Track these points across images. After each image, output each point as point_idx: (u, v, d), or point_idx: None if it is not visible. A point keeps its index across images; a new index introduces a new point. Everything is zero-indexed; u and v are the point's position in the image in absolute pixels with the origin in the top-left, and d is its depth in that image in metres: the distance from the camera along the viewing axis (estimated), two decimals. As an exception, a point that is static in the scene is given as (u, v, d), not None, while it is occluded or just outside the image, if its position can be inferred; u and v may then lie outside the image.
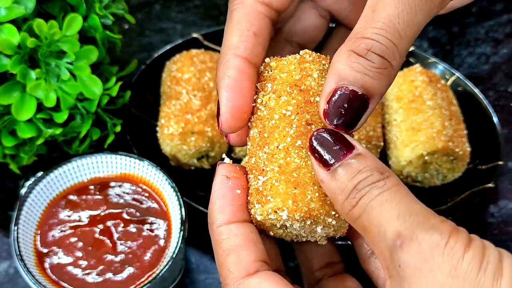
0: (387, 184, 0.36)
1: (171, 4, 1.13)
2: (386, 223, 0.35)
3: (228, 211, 0.43)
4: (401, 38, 0.38)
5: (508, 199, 0.86)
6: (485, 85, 1.01)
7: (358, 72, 0.38)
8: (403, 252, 0.34)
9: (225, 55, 0.44)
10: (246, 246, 0.41)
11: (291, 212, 0.40)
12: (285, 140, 0.41)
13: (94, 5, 0.74)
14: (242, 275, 0.40)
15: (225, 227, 0.42)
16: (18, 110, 0.68)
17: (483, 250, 0.33)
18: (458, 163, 0.82)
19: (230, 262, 0.41)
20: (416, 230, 0.34)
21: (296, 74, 0.43)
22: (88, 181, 0.74)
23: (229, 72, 0.43)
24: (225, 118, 0.43)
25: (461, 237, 0.33)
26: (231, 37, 0.44)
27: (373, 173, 0.37)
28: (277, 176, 0.41)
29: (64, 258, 0.67)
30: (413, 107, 0.85)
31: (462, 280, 0.32)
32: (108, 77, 0.78)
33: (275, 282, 0.40)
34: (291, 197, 0.40)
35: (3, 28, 0.66)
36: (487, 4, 1.14)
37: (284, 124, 0.42)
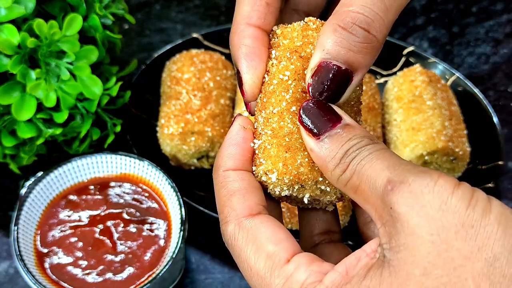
0: (376, 146, 0.37)
1: (171, 4, 1.13)
2: (376, 175, 0.36)
3: (237, 159, 0.43)
4: (387, 10, 0.38)
5: (508, 199, 0.86)
6: (485, 85, 1.01)
7: (342, 48, 0.39)
8: (394, 194, 0.35)
9: (239, 24, 0.45)
10: (251, 190, 0.42)
11: (281, 174, 0.41)
12: (280, 105, 0.42)
13: (94, 5, 0.74)
14: (245, 214, 0.41)
15: (232, 172, 0.43)
16: (18, 110, 0.68)
17: (472, 191, 0.34)
18: (458, 163, 0.82)
19: (234, 201, 0.41)
20: (407, 174, 0.35)
21: (298, 41, 0.44)
22: (88, 181, 0.74)
23: (245, 41, 0.44)
24: (249, 86, 0.44)
25: (450, 179, 0.35)
26: (244, 7, 0.45)
27: (363, 139, 0.38)
28: (270, 139, 0.42)
29: (64, 258, 0.67)
30: (413, 107, 0.85)
31: (452, 214, 0.33)
32: (108, 77, 0.78)
33: (275, 225, 0.40)
34: (282, 160, 0.41)
35: (3, 28, 0.66)
36: (487, 4, 1.14)
37: (281, 89, 0.43)
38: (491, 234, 0.33)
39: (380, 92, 0.93)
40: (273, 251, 0.39)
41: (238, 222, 0.41)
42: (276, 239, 0.39)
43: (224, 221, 0.42)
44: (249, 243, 0.40)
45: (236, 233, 0.40)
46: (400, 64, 0.96)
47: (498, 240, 0.32)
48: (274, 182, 0.42)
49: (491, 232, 0.33)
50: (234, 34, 0.45)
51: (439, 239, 0.33)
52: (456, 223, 0.33)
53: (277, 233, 0.40)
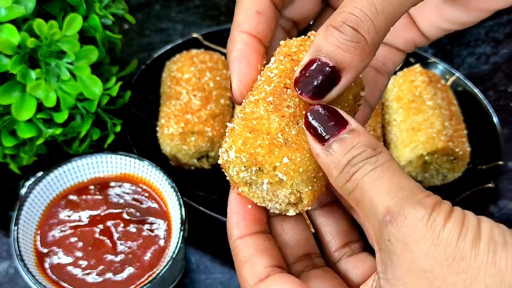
0: (380, 160, 0.38)
1: (171, 4, 1.13)
2: (377, 198, 0.37)
3: (241, 226, 0.45)
4: (377, 13, 0.39)
5: (508, 199, 0.86)
6: (485, 85, 1.01)
7: (331, 45, 0.39)
8: (392, 227, 0.36)
9: (232, 31, 0.48)
10: (258, 255, 0.44)
11: (238, 151, 0.41)
12: (259, 95, 0.43)
13: (94, 5, 0.74)
14: (255, 281, 0.43)
15: (240, 240, 0.45)
16: (18, 110, 0.68)
17: (462, 219, 0.35)
18: (458, 163, 0.82)
19: (245, 271, 0.44)
20: (404, 205, 0.36)
21: (294, 48, 0.45)
22: (88, 181, 0.74)
23: (236, 45, 0.47)
24: (236, 85, 0.46)
25: (443, 209, 0.35)
26: (237, 16, 0.48)
27: (366, 149, 0.38)
28: (239, 121, 0.43)
29: (64, 258, 0.67)
30: (413, 107, 0.85)
31: (444, 248, 0.34)
32: (108, 77, 0.78)
33: (286, 281, 0.42)
34: (243, 138, 0.42)
35: (3, 28, 0.66)
36: (487, 4, 1.14)
37: (265, 83, 0.44)
38: (482, 264, 0.34)
39: (380, 92, 0.93)
40: None
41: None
42: None
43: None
44: None
45: None
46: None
47: (488, 270, 0.33)
48: (232, 160, 0.42)
49: (482, 262, 0.34)
50: (229, 42, 0.48)
51: (433, 276, 0.34)
52: (448, 257, 0.34)
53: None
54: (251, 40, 0.47)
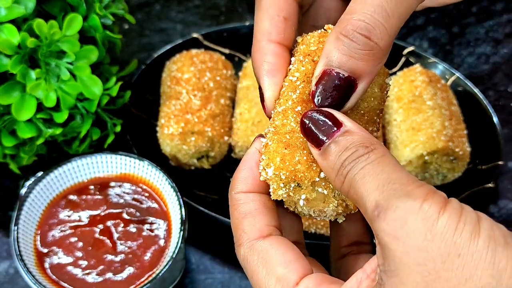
0: (371, 157, 0.37)
1: (171, 4, 1.13)
2: (367, 194, 0.36)
3: (249, 182, 0.44)
4: (388, 17, 0.38)
5: (508, 199, 0.86)
6: (485, 85, 1.01)
7: (343, 55, 0.39)
8: (381, 221, 0.34)
9: (259, 41, 0.46)
10: (262, 212, 0.43)
11: (277, 169, 0.41)
12: (286, 104, 0.43)
13: (94, 5, 0.74)
14: (256, 236, 0.42)
15: (243, 194, 0.44)
16: (18, 110, 0.68)
17: (459, 212, 0.33)
18: (458, 163, 0.82)
19: (246, 224, 0.43)
20: (392, 198, 0.34)
21: (313, 46, 0.44)
22: (88, 181, 0.74)
23: (267, 58, 0.45)
24: (270, 102, 0.45)
25: (436, 200, 0.34)
26: (263, 23, 0.46)
27: (358, 149, 0.37)
28: (272, 136, 0.43)
29: (64, 258, 0.67)
30: (413, 107, 0.85)
31: (438, 242, 0.32)
32: (108, 77, 0.78)
33: (285, 246, 0.41)
34: (280, 155, 0.41)
35: (3, 28, 0.66)
36: (487, 4, 1.14)
37: (289, 89, 0.43)
38: (479, 262, 0.32)
39: (380, 92, 0.93)
40: (282, 274, 0.39)
41: (249, 245, 0.42)
42: (285, 261, 0.40)
43: (237, 243, 0.43)
44: (260, 265, 0.41)
45: (248, 255, 0.42)
46: (400, 64, 0.96)
47: (486, 270, 0.32)
48: (270, 177, 0.42)
49: (479, 260, 0.32)
50: (256, 52, 0.46)
51: (426, 270, 0.33)
52: (442, 253, 0.32)
53: (287, 255, 0.40)
54: (282, 51, 0.45)
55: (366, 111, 0.44)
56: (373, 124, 0.44)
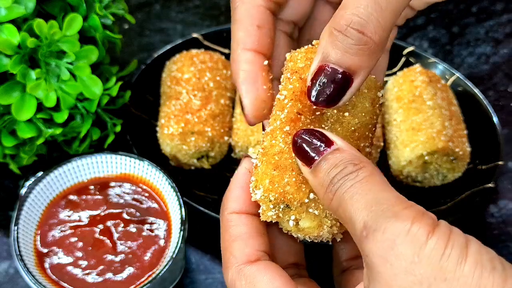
0: (359, 175, 0.37)
1: (171, 4, 1.13)
2: (356, 214, 0.36)
3: (241, 202, 0.44)
4: (382, 10, 0.38)
5: (508, 199, 0.86)
6: (485, 85, 1.01)
7: (338, 50, 0.39)
8: (368, 242, 0.34)
9: (235, 51, 0.46)
10: (252, 236, 0.43)
11: (266, 191, 0.41)
12: (274, 123, 0.43)
13: (94, 5, 0.74)
14: (244, 260, 0.42)
15: (235, 215, 0.44)
16: (18, 110, 0.68)
17: (448, 236, 0.33)
18: (458, 163, 0.82)
19: (235, 247, 0.43)
20: (380, 219, 0.34)
21: (301, 63, 0.44)
22: (88, 181, 0.74)
23: (242, 66, 0.45)
24: (249, 110, 0.45)
25: (425, 223, 0.34)
26: (238, 33, 0.46)
27: (346, 166, 0.37)
28: (261, 157, 0.43)
29: (64, 258, 0.67)
30: (413, 107, 0.85)
31: (425, 266, 0.32)
32: (108, 77, 0.78)
33: (273, 272, 0.41)
34: (269, 177, 0.41)
35: (3, 28, 0.66)
36: (487, 4, 1.14)
37: (278, 108, 0.43)
38: (464, 287, 0.32)
39: (380, 92, 0.93)
40: None
41: (237, 269, 0.42)
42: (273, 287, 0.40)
43: (225, 266, 0.43)
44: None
45: (235, 279, 0.42)
46: (400, 64, 0.96)
47: None
48: (260, 199, 0.42)
49: (465, 285, 0.32)
50: (233, 62, 0.46)
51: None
52: (429, 276, 0.32)
53: (274, 281, 0.40)
54: (256, 58, 0.46)
55: (357, 127, 0.44)
56: (365, 140, 0.44)
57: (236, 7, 0.47)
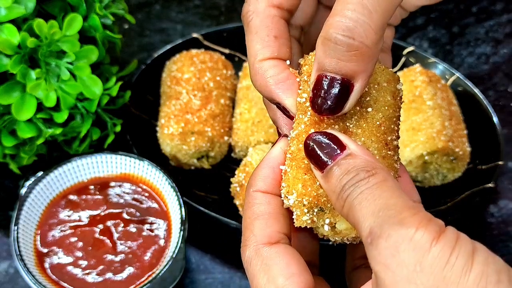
0: (370, 182, 0.36)
1: (171, 4, 1.13)
2: (363, 220, 0.35)
3: (269, 182, 0.43)
4: (370, 13, 0.37)
5: (508, 199, 0.86)
6: (485, 85, 1.01)
7: (331, 59, 0.38)
8: (373, 248, 0.34)
9: (253, 64, 0.45)
10: (275, 217, 0.42)
11: (300, 195, 0.41)
12: (299, 128, 0.42)
13: (94, 5, 0.74)
14: (264, 241, 0.41)
15: (261, 193, 0.43)
16: (18, 110, 0.68)
17: (454, 243, 0.32)
18: (458, 163, 0.82)
19: (256, 226, 0.42)
20: (385, 225, 0.33)
21: None
22: (88, 181, 0.74)
23: (268, 73, 0.44)
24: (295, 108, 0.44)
25: (430, 230, 0.33)
26: (255, 46, 0.45)
27: (358, 173, 0.37)
28: (289, 162, 0.42)
29: (64, 258, 0.67)
30: (413, 107, 0.85)
31: (427, 275, 0.31)
32: (108, 77, 0.78)
33: (291, 257, 0.40)
34: (301, 181, 0.41)
35: (3, 28, 0.66)
36: (487, 4, 1.14)
37: (300, 112, 0.43)
38: None
39: (380, 92, 0.93)
40: (282, 286, 0.39)
41: (255, 248, 0.41)
42: (288, 272, 0.39)
43: (244, 243, 0.42)
44: (262, 272, 0.40)
45: (252, 258, 0.41)
46: (400, 64, 0.96)
47: None
48: (294, 204, 0.41)
49: None
50: (255, 75, 0.45)
51: None
52: (431, 286, 0.31)
53: (290, 266, 0.40)
54: (279, 62, 0.45)
55: (382, 121, 0.43)
56: (391, 133, 0.44)
57: (250, 20, 0.46)
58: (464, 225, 0.82)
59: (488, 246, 0.34)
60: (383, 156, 0.42)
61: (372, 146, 0.42)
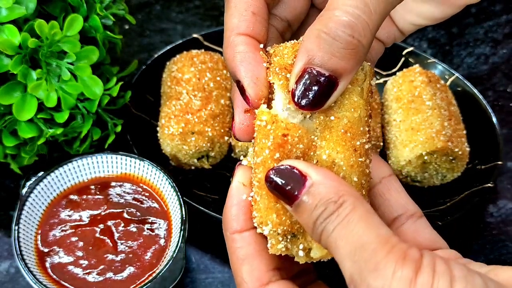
0: (341, 215, 0.36)
1: (171, 5, 1.13)
2: (342, 262, 0.36)
3: (241, 219, 0.43)
4: (371, 13, 0.37)
5: (507, 199, 0.86)
6: (484, 85, 1.01)
7: (325, 54, 0.38)
8: None
9: (228, 37, 0.45)
10: (259, 255, 0.43)
11: (275, 226, 0.41)
12: (263, 153, 0.41)
13: (94, 5, 0.74)
14: (256, 285, 0.42)
15: (238, 235, 0.43)
16: (19, 110, 0.68)
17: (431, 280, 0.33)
18: (457, 163, 0.82)
19: (244, 271, 0.42)
20: (363, 273, 0.34)
21: (289, 58, 0.43)
22: (88, 181, 0.75)
23: (238, 48, 0.44)
24: (251, 87, 0.43)
25: (407, 269, 0.33)
26: (232, 20, 0.45)
27: (327, 206, 0.37)
28: (258, 191, 0.41)
29: (65, 258, 0.67)
30: (413, 107, 0.85)
31: None
32: (108, 77, 0.78)
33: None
34: (274, 211, 0.40)
35: (4, 28, 0.67)
36: (486, 4, 1.14)
37: (261, 135, 0.41)
38: None
39: (380, 92, 0.93)
40: None
41: None
42: None
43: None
44: None
45: None
46: (399, 64, 0.97)
47: None
48: (269, 234, 0.41)
49: None
50: (227, 48, 0.45)
51: None
52: None
53: None
54: (252, 40, 0.44)
55: (348, 127, 0.42)
56: (360, 136, 0.42)
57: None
58: (463, 225, 0.82)
59: (488, 246, 0.35)
60: (351, 165, 0.41)
61: (338, 157, 0.41)
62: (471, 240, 0.80)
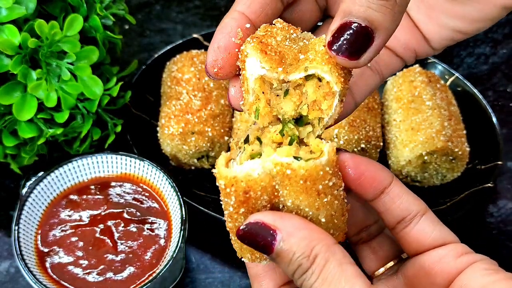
0: (315, 272, 0.39)
1: (171, 5, 1.13)
2: None
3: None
4: None
5: (507, 199, 0.86)
6: (484, 85, 1.01)
7: (361, 6, 0.39)
8: None
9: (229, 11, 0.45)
10: (266, 275, 0.47)
11: (252, 260, 0.44)
12: (228, 209, 0.42)
13: (94, 5, 0.74)
14: None
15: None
16: (19, 110, 0.68)
17: None
18: (457, 163, 0.82)
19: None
20: None
21: (261, 31, 0.44)
22: (88, 181, 0.75)
23: (225, 20, 0.44)
24: (209, 53, 0.44)
25: None
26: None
27: (301, 263, 0.39)
28: (232, 237, 0.44)
29: (64, 258, 0.67)
30: (413, 107, 0.85)
31: None
32: (108, 77, 0.78)
33: None
34: (248, 251, 0.43)
35: (4, 28, 0.67)
36: (486, 4, 1.14)
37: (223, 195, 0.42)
38: None
39: (380, 92, 0.93)
40: None
41: None
42: None
43: None
44: None
45: None
46: (399, 64, 0.96)
47: None
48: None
49: None
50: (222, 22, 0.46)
51: None
52: None
53: None
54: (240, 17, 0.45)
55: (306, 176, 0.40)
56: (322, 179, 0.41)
57: None
58: (464, 225, 0.82)
59: (488, 246, 0.35)
60: (317, 208, 0.41)
61: (303, 204, 0.41)
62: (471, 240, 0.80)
